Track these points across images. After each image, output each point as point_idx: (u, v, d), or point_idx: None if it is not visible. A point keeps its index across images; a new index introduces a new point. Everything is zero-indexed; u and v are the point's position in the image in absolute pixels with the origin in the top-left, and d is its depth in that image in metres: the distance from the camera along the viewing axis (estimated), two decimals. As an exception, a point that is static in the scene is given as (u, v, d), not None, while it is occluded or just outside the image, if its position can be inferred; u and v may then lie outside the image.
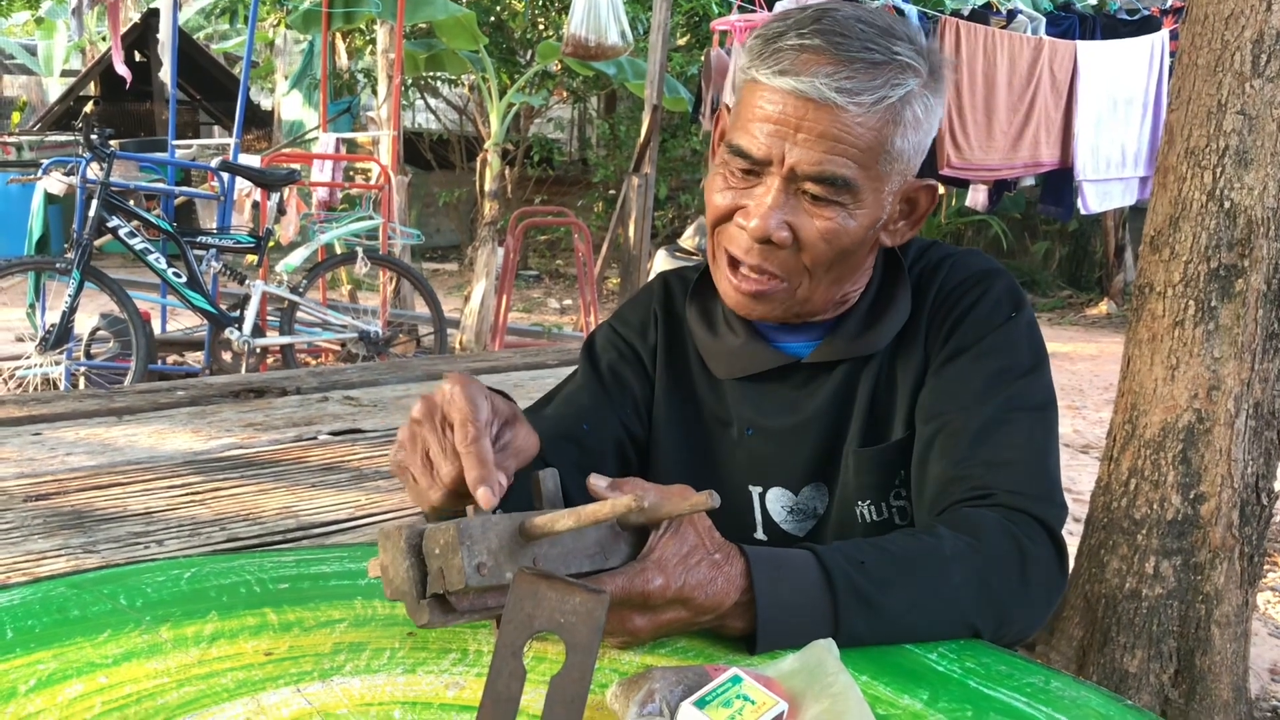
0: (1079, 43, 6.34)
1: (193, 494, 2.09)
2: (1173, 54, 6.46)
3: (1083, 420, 6.19)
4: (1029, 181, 7.05)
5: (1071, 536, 4.00)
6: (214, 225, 5.99)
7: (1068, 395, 6.82)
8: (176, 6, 7.00)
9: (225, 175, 5.73)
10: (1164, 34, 6.54)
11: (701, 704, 0.75)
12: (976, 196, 7.06)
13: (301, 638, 0.93)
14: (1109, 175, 6.60)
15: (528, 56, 11.04)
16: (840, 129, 1.02)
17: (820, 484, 1.21)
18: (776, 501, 1.22)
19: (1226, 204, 2.37)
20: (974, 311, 1.14)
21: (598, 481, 0.89)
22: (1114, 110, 6.47)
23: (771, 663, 0.85)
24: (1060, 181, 6.69)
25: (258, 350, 5.23)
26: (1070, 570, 1.09)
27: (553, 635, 0.68)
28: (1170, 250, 2.44)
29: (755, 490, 1.23)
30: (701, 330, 1.24)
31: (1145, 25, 6.69)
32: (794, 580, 0.92)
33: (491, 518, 0.75)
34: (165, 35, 6.96)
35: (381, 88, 7.61)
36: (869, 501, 1.17)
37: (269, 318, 5.61)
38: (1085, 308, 10.53)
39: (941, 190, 10.61)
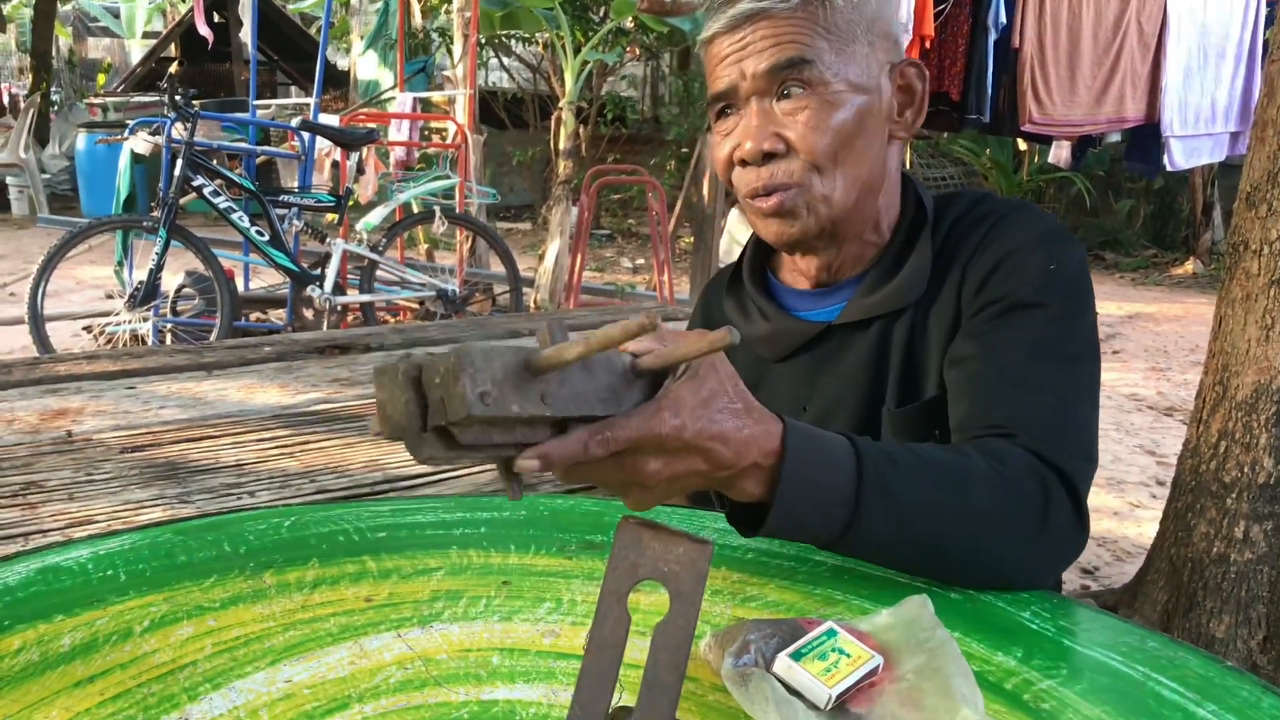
0: (1170, -7, 6.14)
1: (282, 447, 2.14)
2: (1270, 4, 6.23)
3: (1167, 382, 6.06)
4: (1114, 137, 6.87)
5: (1156, 500, 3.95)
6: (295, 184, 6.07)
7: (1152, 356, 6.69)
8: (256, -33, 7.07)
9: (306, 135, 5.80)
10: (1260, -17, 6.32)
11: (797, 656, 0.76)
12: (1059, 153, 6.89)
13: (400, 585, 0.95)
14: (1198, 131, 6.40)
15: (601, 14, 10.99)
16: (778, 27, 1.09)
17: None
18: None
19: (1328, 159, 2.29)
20: (1009, 260, 1.11)
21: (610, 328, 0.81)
22: (1205, 63, 6.26)
23: (865, 617, 0.85)
24: (1146, 137, 6.50)
25: (339, 308, 5.31)
26: (1088, 529, 1.03)
27: (648, 585, 0.69)
28: (1268, 207, 2.37)
29: None
30: (740, 321, 1.26)
31: (1240, -26, 6.45)
32: (825, 456, 0.89)
33: (496, 347, 0.68)
34: (245, -4, 7.03)
35: (457, 47, 7.63)
36: None
37: (349, 276, 5.69)
38: (1170, 267, 10.28)
39: (1024, 146, 10.41)
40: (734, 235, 7.82)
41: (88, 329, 5.81)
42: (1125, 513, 3.95)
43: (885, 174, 1.17)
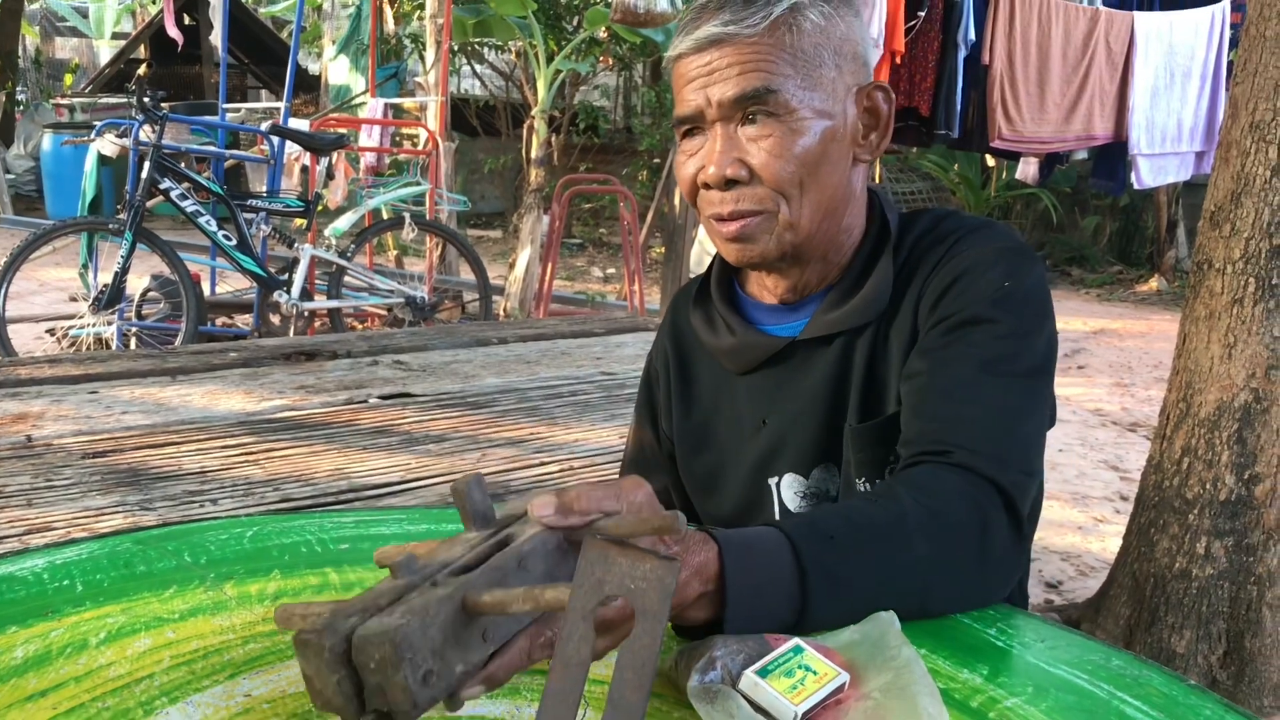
0: (1136, 14, 6.20)
1: (246, 454, 2.12)
2: (1234, 26, 6.31)
3: (1131, 398, 6.12)
4: (1081, 155, 6.94)
5: (1120, 515, 3.98)
6: (263, 189, 6.03)
7: (1117, 372, 6.75)
8: (227, -30, 7.01)
9: (275, 139, 5.76)
10: (1225, 4, 6.39)
11: (764, 673, 0.75)
12: (1027, 169, 6.94)
13: (363, 598, 0.94)
14: (1164, 149, 6.48)
15: (575, 23, 10.99)
16: (743, 54, 1.09)
17: (830, 465, 1.20)
18: (789, 488, 1.21)
19: (1291, 180, 2.32)
20: (965, 278, 1.11)
21: (540, 508, 0.75)
22: (1171, 83, 6.34)
23: (832, 633, 0.85)
24: (1113, 155, 6.57)
25: (306, 314, 5.28)
26: (1031, 543, 1.02)
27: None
28: (1231, 226, 2.40)
29: (772, 481, 1.23)
30: (706, 333, 1.27)
31: (1206, -5, 6.53)
32: (764, 562, 0.88)
33: (431, 603, 0.63)
34: (216, -1, 6.99)
35: (429, 53, 7.61)
36: (865, 479, 1.15)
37: (317, 282, 5.65)
38: (1135, 284, 10.38)
39: (992, 162, 10.48)
40: (705, 246, 7.83)
41: (51, 332, 5.75)
42: (1089, 528, 3.98)
43: (849, 196, 1.17)
